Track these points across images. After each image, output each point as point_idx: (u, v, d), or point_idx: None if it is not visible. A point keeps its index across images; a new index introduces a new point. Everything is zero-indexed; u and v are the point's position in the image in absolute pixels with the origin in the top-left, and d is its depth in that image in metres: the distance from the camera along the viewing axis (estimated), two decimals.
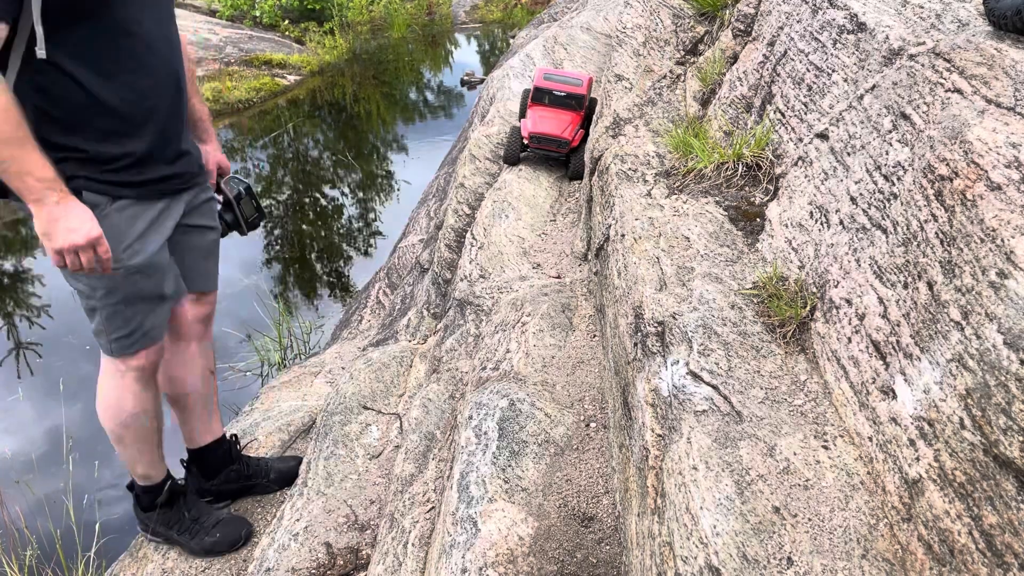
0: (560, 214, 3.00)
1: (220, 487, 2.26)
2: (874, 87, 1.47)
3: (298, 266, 6.08)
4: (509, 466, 1.52)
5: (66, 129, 1.63)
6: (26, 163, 1.51)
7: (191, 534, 2.09)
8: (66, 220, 1.57)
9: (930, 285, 1.01)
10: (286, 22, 13.15)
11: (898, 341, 1.05)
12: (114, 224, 1.70)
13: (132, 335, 1.81)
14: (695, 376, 1.26)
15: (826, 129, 1.59)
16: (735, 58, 2.43)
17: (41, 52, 1.54)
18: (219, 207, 2.10)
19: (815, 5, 1.89)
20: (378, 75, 12.00)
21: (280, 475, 2.31)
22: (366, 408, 2.37)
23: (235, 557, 2.11)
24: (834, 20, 1.76)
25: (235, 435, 2.31)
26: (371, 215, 7.23)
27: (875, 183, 1.29)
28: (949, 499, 0.87)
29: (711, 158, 1.94)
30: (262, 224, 2.65)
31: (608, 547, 1.38)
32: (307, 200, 7.54)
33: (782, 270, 1.46)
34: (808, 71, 1.80)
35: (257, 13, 13.16)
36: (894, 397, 1.02)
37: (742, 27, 2.47)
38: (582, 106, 3.25)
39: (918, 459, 0.93)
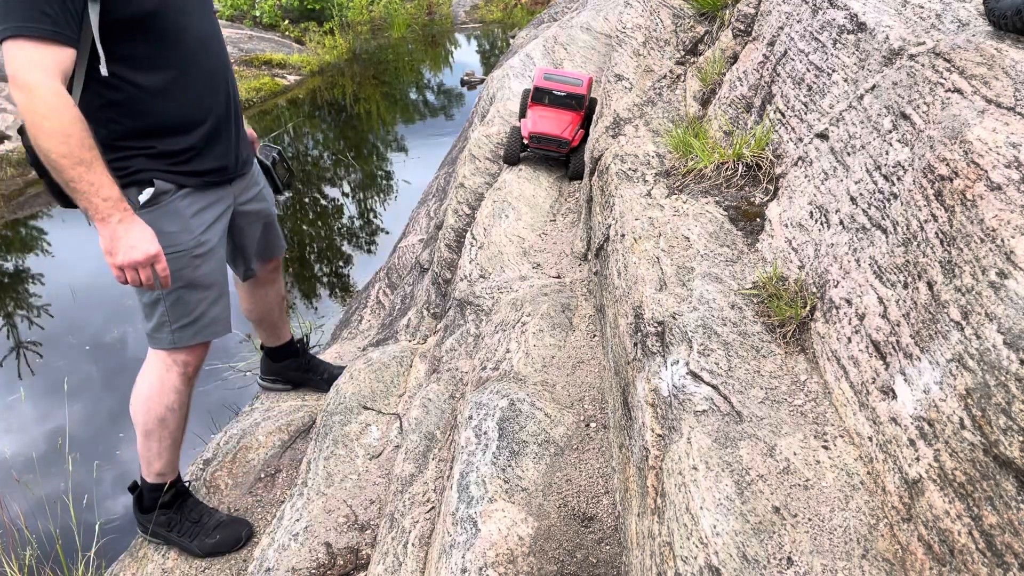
0: (560, 214, 3.00)
1: (284, 372, 2.77)
2: (874, 87, 1.47)
3: (298, 266, 6.08)
4: (509, 466, 1.52)
5: (133, 132, 1.76)
6: (93, 183, 1.61)
7: (191, 536, 2.11)
8: (127, 238, 1.67)
9: (930, 285, 1.01)
10: (286, 22, 13.15)
11: (898, 341, 1.05)
12: (179, 209, 1.86)
13: (197, 323, 1.94)
14: (695, 376, 1.26)
15: (826, 129, 1.59)
16: (735, 58, 2.43)
17: (104, 70, 1.67)
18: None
19: (815, 5, 1.89)
20: (378, 75, 12.00)
21: (332, 378, 2.65)
22: (366, 408, 2.37)
23: (235, 557, 2.11)
24: (834, 20, 1.76)
25: (302, 339, 2.84)
26: (371, 215, 7.23)
27: (875, 183, 1.29)
28: (949, 499, 0.87)
29: (711, 158, 1.94)
30: (294, 183, 3.07)
31: (608, 547, 1.38)
32: (307, 200, 7.54)
33: (782, 270, 1.46)
34: (808, 71, 1.80)
35: (257, 13, 13.16)
36: (894, 397, 1.02)
37: (742, 27, 2.47)
38: (582, 106, 3.25)
39: (918, 459, 0.93)
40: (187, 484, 2.21)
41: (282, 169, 2.41)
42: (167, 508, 2.12)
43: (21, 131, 1.68)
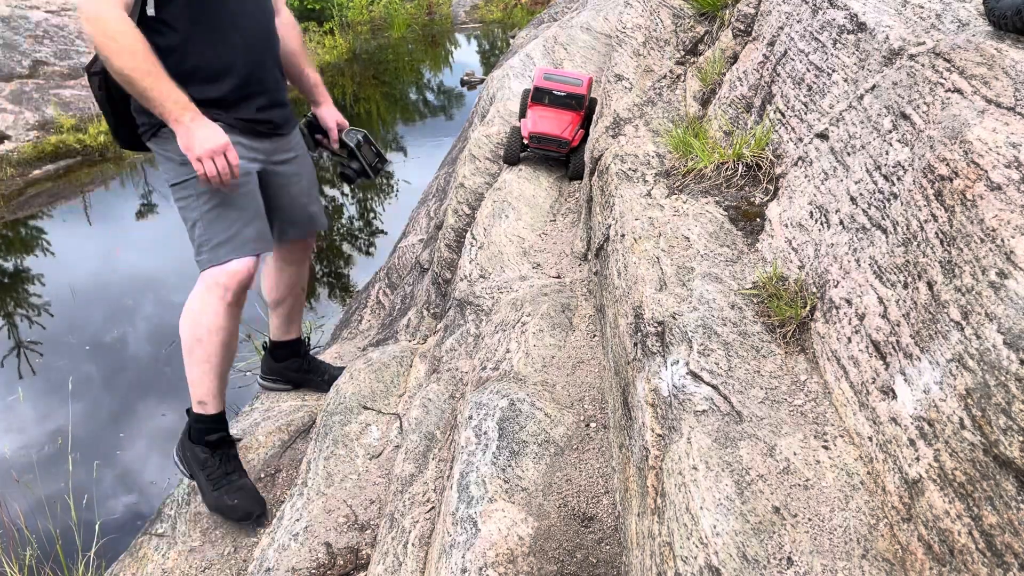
0: (560, 214, 3.00)
1: (284, 372, 2.79)
2: (874, 87, 1.47)
3: None
4: (509, 466, 1.52)
5: (172, 76, 1.92)
6: (163, 90, 1.87)
7: (215, 485, 2.17)
8: (202, 132, 1.91)
9: (930, 285, 1.01)
10: None
11: (898, 341, 1.05)
12: None
13: (231, 241, 2.06)
14: (695, 376, 1.26)
15: (826, 129, 1.59)
16: (735, 58, 2.43)
17: (151, 10, 1.91)
18: (345, 159, 2.48)
19: (815, 5, 1.89)
20: (378, 75, 12.00)
21: (332, 379, 2.65)
22: (366, 408, 2.37)
23: (235, 557, 2.10)
24: (834, 20, 1.76)
25: (307, 338, 2.86)
26: (371, 215, 7.22)
27: (875, 183, 1.29)
28: (949, 499, 0.87)
29: (711, 158, 1.94)
30: (385, 168, 3.15)
31: (608, 547, 1.38)
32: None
33: (782, 270, 1.46)
34: (808, 71, 1.80)
35: None
36: (894, 397, 1.02)
37: (742, 27, 2.47)
38: (582, 106, 3.25)
39: (918, 459, 0.93)
40: (237, 439, 2.31)
41: (369, 153, 2.45)
42: (210, 448, 2.18)
43: (88, 68, 2.05)
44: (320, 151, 2.59)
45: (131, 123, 2.12)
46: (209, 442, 2.18)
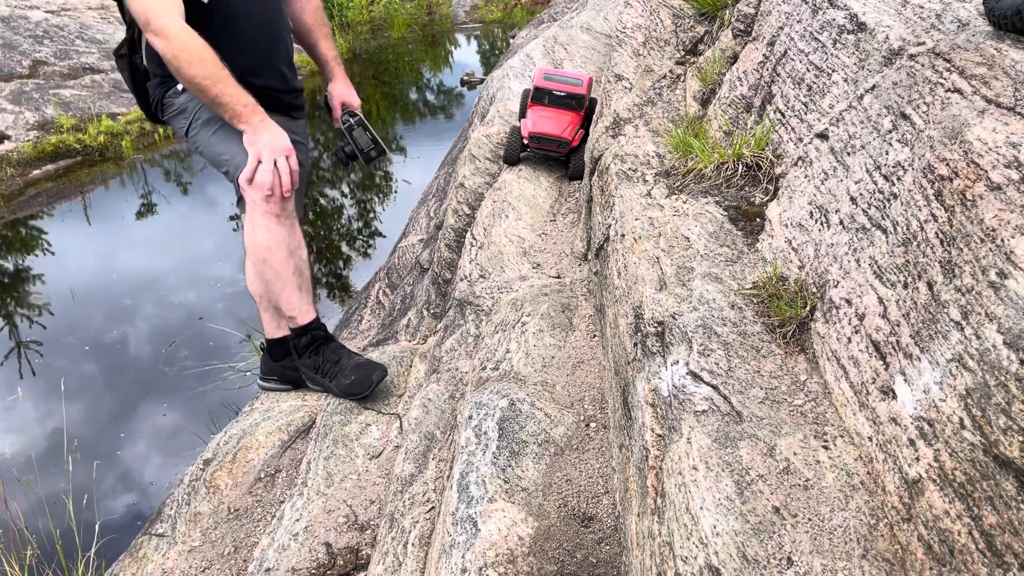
0: (560, 214, 3.00)
1: (283, 372, 2.71)
2: (874, 87, 1.47)
3: None
4: (509, 466, 1.52)
5: None
6: (233, 94, 1.99)
7: (331, 377, 2.34)
8: (269, 134, 2.04)
9: (930, 285, 1.01)
10: None
11: (898, 341, 1.05)
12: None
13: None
14: (695, 376, 1.26)
15: (826, 129, 1.59)
16: (735, 58, 2.43)
17: None
18: (343, 140, 2.47)
19: (815, 5, 1.89)
20: (378, 75, 12.00)
21: None
22: (366, 408, 2.37)
23: (235, 557, 2.10)
24: (834, 20, 1.76)
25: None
26: (371, 215, 7.22)
27: (875, 183, 1.29)
28: (949, 499, 0.87)
29: (711, 158, 1.94)
30: (386, 162, 3.13)
31: (608, 547, 1.38)
32: (307, 200, 7.54)
33: (782, 270, 1.46)
34: (808, 71, 1.80)
35: None
36: (894, 397, 1.02)
37: (742, 27, 2.47)
38: (582, 106, 3.25)
39: (918, 459, 0.93)
40: (327, 332, 2.41)
41: (363, 137, 2.44)
42: (314, 352, 2.34)
43: (116, 53, 2.23)
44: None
45: (152, 108, 2.27)
46: (310, 348, 2.34)
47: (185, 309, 5.15)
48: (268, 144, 2.03)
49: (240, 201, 2.31)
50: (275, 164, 2.04)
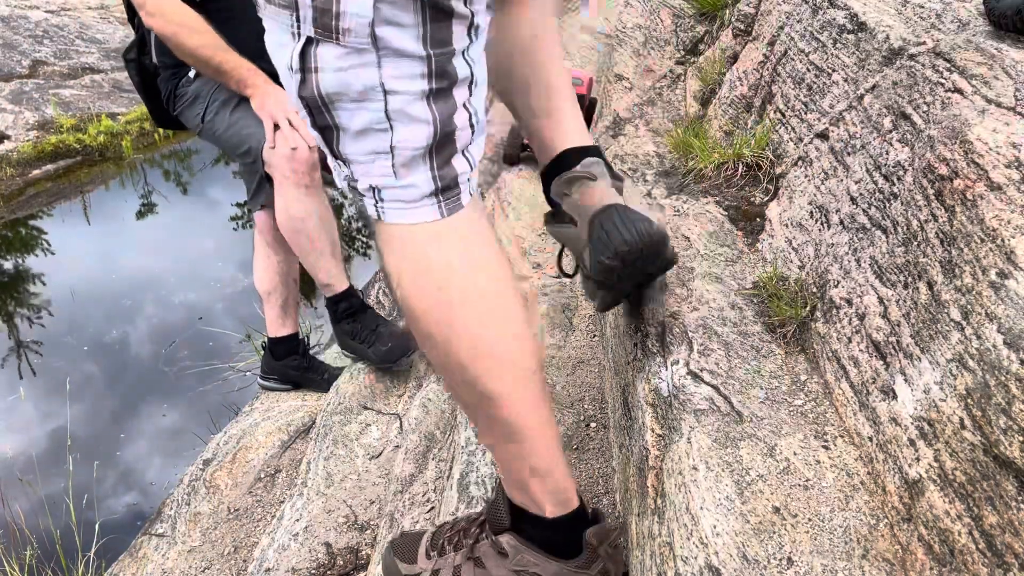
0: None
1: (284, 371, 2.81)
2: (874, 87, 1.46)
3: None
4: None
5: None
6: (235, 61, 2.07)
7: (369, 344, 2.39)
8: (275, 96, 2.10)
9: (930, 285, 1.01)
10: None
11: (898, 341, 1.05)
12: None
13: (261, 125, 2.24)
14: (695, 376, 1.26)
15: (826, 129, 1.59)
16: (735, 58, 2.43)
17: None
18: None
19: (815, 5, 1.89)
20: None
21: (332, 378, 2.70)
22: (366, 408, 2.37)
23: (235, 557, 2.10)
24: (834, 20, 1.76)
25: (307, 338, 2.92)
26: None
27: (875, 183, 1.29)
28: (949, 499, 0.87)
29: (711, 158, 1.94)
30: None
31: None
32: None
33: (782, 270, 1.46)
34: (808, 71, 1.80)
35: None
36: (894, 397, 1.02)
37: (742, 27, 2.47)
38: (582, 106, 3.24)
39: (918, 459, 0.93)
40: (364, 299, 2.51)
41: None
42: (352, 320, 2.40)
43: (125, 57, 2.30)
44: None
45: (164, 103, 2.35)
46: (348, 313, 2.40)
47: (185, 309, 5.15)
48: (276, 105, 2.09)
49: (255, 195, 2.36)
50: (289, 123, 2.09)
